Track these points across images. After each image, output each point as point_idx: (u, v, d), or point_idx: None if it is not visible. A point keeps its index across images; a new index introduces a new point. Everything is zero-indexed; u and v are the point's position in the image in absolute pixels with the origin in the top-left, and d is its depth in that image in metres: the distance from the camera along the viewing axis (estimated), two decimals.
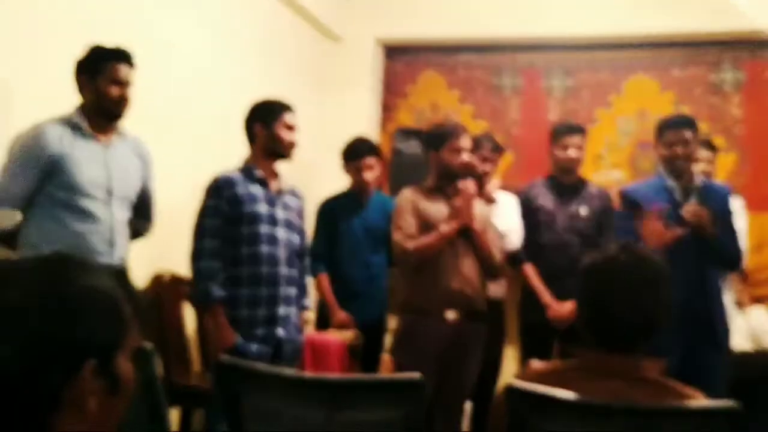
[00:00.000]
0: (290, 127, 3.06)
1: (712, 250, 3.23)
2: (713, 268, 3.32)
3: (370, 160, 3.81)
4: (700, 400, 1.63)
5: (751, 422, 2.48)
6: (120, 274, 1.06)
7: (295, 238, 3.07)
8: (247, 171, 3.01)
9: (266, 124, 3.03)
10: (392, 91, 5.36)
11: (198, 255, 2.90)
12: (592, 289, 1.71)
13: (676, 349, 3.14)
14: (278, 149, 3.05)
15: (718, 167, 4.26)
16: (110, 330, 0.98)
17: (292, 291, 3.03)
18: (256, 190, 2.98)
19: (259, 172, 3.01)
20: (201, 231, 2.91)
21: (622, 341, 1.66)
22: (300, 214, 3.16)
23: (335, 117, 4.91)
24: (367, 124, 5.10)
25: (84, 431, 0.94)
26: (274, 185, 3.05)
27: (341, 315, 3.70)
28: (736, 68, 4.84)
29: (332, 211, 3.84)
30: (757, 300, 4.51)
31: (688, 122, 3.37)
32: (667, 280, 1.69)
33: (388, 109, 5.35)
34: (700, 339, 3.21)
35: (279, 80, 4.33)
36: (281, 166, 3.14)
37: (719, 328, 3.28)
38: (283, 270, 2.97)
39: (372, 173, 3.81)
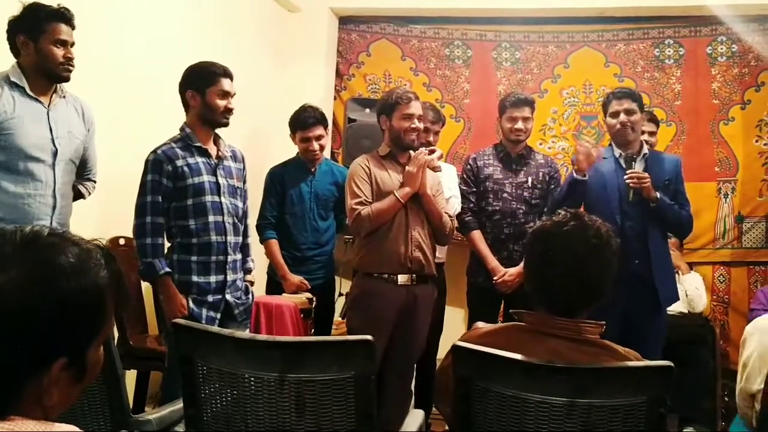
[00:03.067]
0: (225, 94, 2.94)
1: (656, 216, 3.36)
2: (657, 233, 3.44)
3: (318, 130, 3.83)
4: (635, 361, 1.73)
5: (681, 380, 2.64)
6: (108, 256, 1.04)
7: (239, 203, 3.07)
8: (184, 141, 2.93)
9: (199, 91, 2.92)
10: (347, 61, 5.37)
11: (141, 232, 2.86)
12: (539, 253, 1.79)
13: (617, 311, 3.27)
14: (212, 117, 2.94)
15: (658, 139, 4.41)
16: (88, 330, 0.97)
17: (238, 256, 3.06)
18: (197, 160, 2.93)
19: (197, 142, 2.94)
20: (143, 208, 2.86)
21: (564, 305, 1.75)
22: (242, 176, 3.12)
23: (292, 86, 4.90)
24: (323, 93, 5.11)
25: (38, 417, 0.93)
26: (214, 152, 3.00)
27: (294, 279, 3.75)
28: (677, 44, 4.99)
29: (281, 178, 3.88)
30: (691, 266, 4.74)
31: (631, 94, 3.50)
32: (613, 247, 1.76)
33: (342, 78, 5.36)
34: (641, 302, 3.35)
35: (236, 49, 4.30)
36: (237, 133, 3.10)
37: (661, 290, 3.40)
38: (230, 238, 2.98)
39: (319, 143, 3.84)
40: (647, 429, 1.63)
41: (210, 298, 2.92)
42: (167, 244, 2.96)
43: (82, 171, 2.93)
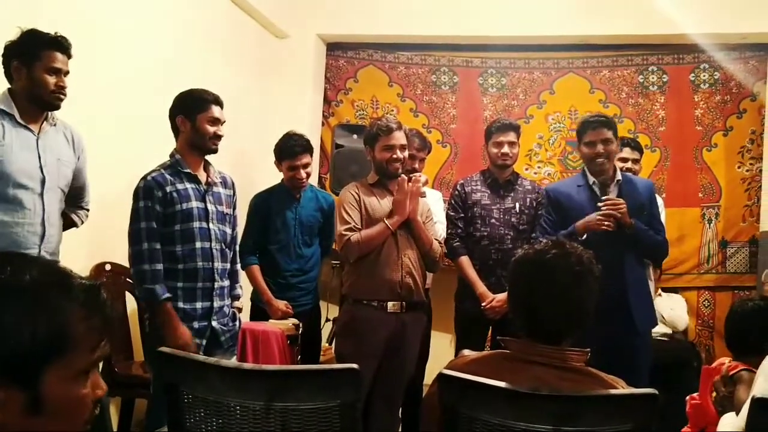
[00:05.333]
0: (215, 121, 2.96)
1: (632, 241, 3.38)
2: (632, 258, 3.44)
3: (305, 158, 3.84)
4: (620, 389, 1.73)
5: (669, 403, 2.65)
6: (92, 289, 1.01)
7: (227, 230, 3.07)
8: (174, 167, 2.94)
9: (189, 117, 2.94)
10: (334, 87, 5.41)
11: (140, 259, 2.84)
12: (522, 281, 1.80)
13: (597, 337, 3.27)
14: (201, 143, 2.95)
15: (642, 165, 4.45)
16: (36, 354, 0.93)
17: (226, 283, 3.05)
18: (186, 186, 2.93)
19: (186, 168, 2.95)
20: (138, 235, 2.85)
21: (548, 332, 1.76)
22: (231, 203, 3.13)
23: (279, 111, 4.93)
24: (310, 119, 5.14)
25: None
26: (203, 178, 3.01)
27: (279, 304, 3.74)
28: (660, 70, 5.06)
29: (266, 205, 3.88)
30: (676, 290, 4.78)
31: (607, 122, 3.50)
32: (594, 275, 1.78)
33: (330, 104, 5.39)
34: (620, 327, 3.34)
35: (224, 75, 4.32)
36: (225, 158, 3.11)
37: (637, 316, 3.39)
38: (218, 264, 2.98)
39: (306, 171, 3.85)
40: None
41: (196, 325, 2.91)
42: None
43: (75, 199, 2.92)
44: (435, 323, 4.03)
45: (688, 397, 2.55)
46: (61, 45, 2.69)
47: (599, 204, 3.33)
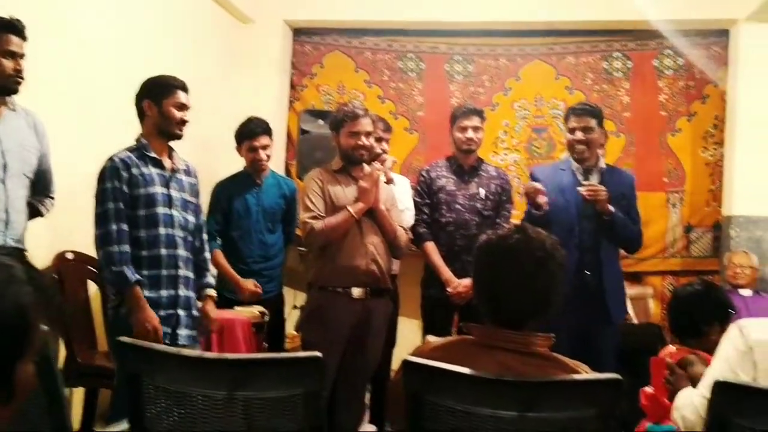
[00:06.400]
0: (182, 106, 2.95)
1: (609, 229, 3.42)
2: (609, 247, 3.50)
3: (264, 140, 3.81)
4: (584, 374, 1.74)
5: (636, 388, 2.68)
6: (31, 270, 1.01)
7: (190, 218, 3.03)
8: (139, 151, 2.91)
9: (156, 102, 2.92)
10: (300, 72, 5.36)
11: (107, 240, 2.78)
12: (486, 267, 1.79)
13: (569, 323, 3.31)
14: (167, 128, 2.92)
15: (607, 151, 4.48)
16: (11, 350, 0.95)
17: (191, 273, 3.00)
18: (151, 170, 2.89)
19: (152, 152, 2.92)
20: (105, 216, 2.79)
21: (512, 317, 1.75)
22: (195, 192, 3.09)
23: (245, 97, 4.87)
24: (276, 104, 5.09)
25: None
26: (168, 164, 2.97)
27: (248, 285, 3.70)
28: (625, 56, 5.09)
29: (227, 192, 3.84)
30: (641, 275, 4.85)
31: (592, 111, 3.56)
32: (558, 260, 1.78)
33: (296, 89, 5.34)
34: (592, 314, 3.40)
35: (188, 60, 4.26)
36: (189, 146, 3.08)
37: (611, 304, 3.47)
38: (181, 251, 2.94)
39: (266, 152, 3.82)
40: None
41: (161, 313, 2.87)
42: None
43: (40, 188, 2.87)
44: (402, 309, 4.04)
45: (641, 390, 2.58)
46: (16, 28, 2.63)
47: (579, 188, 3.37)
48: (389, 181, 3.74)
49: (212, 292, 3.10)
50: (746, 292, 4.35)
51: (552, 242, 1.79)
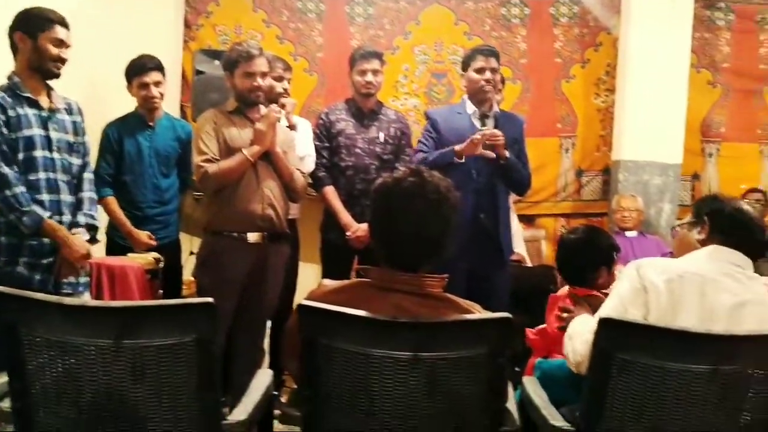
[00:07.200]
0: (60, 43, 2.76)
1: (504, 173, 3.49)
2: (503, 190, 3.60)
3: (156, 75, 3.64)
4: (476, 313, 1.77)
5: (528, 326, 2.77)
6: None
7: (74, 160, 2.87)
8: (12, 90, 2.72)
9: (30, 35, 2.73)
10: (195, 10, 5.12)
11: (4, 184, 2.62)
12: (380, 210, 1.78)
13: (465, 265, 3.40)
14: (43, 64, 2.75)
15: (504, 97, 4.54)
16: None
17: (77, 218, 2.86)
18: (27, 111, 2.72)
19: (26, 91, 2.74)
20: None
21: (407, 260, 1.76)
22: (79, 130, 2.92)
23: (136, 36, 4.59)
24: (169, 44, 4.85)
25: None
26: (45, 103, 2.79)
27: (141, 236, 3.58)
28: (522, 3, 5.14)
29: (117, 133, 3.65)
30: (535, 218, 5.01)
31: (496, 53, 3.63)
32: (452, 203, 1.79)
33: (191, 28, 5.11)
34: (487, 255, 3.50)
35: None
36: (76, 87, 2.89)
37: (504, 245, 3.59)
38: (65, 196, 2.79)
39: (158, 90, 3.65)
40: (489, 379, 1.68)
41: (44, 261, 2.74)
42: None
43: None
44: (302, 254, 4.01)
45: (527, 330, 2.67)
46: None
47: (478, 134, 3.39)
48: (292, 127, 3.66)
49: (79, 230, 2.87)
50: (632, 234, 4.55)
51: (447, 185, 1.79)
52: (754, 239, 2.07)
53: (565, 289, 2.62)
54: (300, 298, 3.67)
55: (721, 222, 2.08)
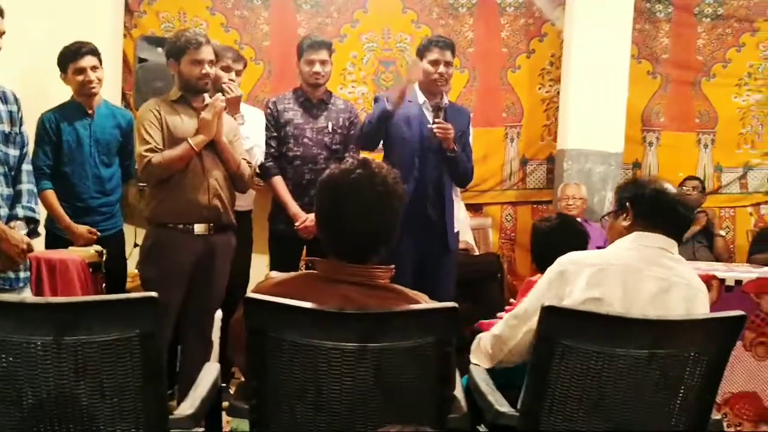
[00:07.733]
0: None
1: (450, 165, 3.54)
2: (447, 179, 3.63)
3: (91, 60, 3.53)
4: (423, 303, 1.79)
5: (475, 314, 2.81)
6: None
7: (10, 151, 2.77)
8: None
9: None
10: None
11: None
12: (328, 202, 1.78)
13: (412, 255, 3.43)
14: None
15: (452, 86, 4.58)
16: None
17: (15, 210, 2.76)
18: None
19: None
20: None
21: (355, 251, 1.76)
22: (15, 120, 2.78)
23: (74, 22, 4.46)
24: (110, 31, 4.73)
25: None
26: None
27: (81, 231, 3.49)
28: None
29: (55, 123, 3.52)
30: (481, 206, 5.06)
31: (452, 46, 3.66)
32: (399, 195, 1.79)
33: (133, 14, 4.99)
34: (433, 245, 3.54)
35: None
36: (10, 77, 2.78)
37: (450, 236, 3.63)
38: (2, 189, 2.69)
39: (95, 74, 3.55)
40: (436, 368, 1.70)
41: None
42: None
43: None
44: (255, 246, 3.98)
45: (481, 323, 2.70)
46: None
47: (430, 126, 3.48)
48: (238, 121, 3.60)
49: (18, 223, 2.69)
50: None
51: (394, 176, 1.80)
52: (678, 217, 2.09)
53: (539, 275, 2.66)
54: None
55: (643, 206, 2.10)
